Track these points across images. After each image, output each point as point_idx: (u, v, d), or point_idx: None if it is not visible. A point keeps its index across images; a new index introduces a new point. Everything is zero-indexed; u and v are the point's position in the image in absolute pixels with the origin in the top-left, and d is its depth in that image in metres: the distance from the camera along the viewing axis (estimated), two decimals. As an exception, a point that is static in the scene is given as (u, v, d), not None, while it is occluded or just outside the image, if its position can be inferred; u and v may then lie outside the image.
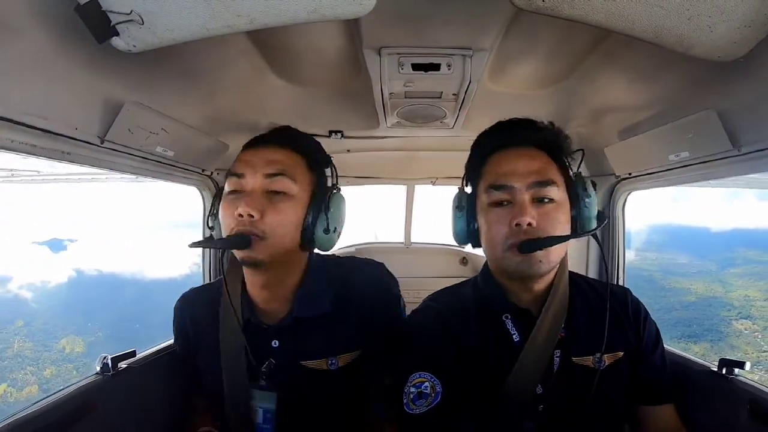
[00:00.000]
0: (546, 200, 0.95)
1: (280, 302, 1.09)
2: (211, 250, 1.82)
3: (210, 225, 1.08)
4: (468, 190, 1.10)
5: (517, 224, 0.93)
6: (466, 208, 1.06)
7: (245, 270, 1.08)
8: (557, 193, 0.97)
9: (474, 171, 1.07)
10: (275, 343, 1.08)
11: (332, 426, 1.11)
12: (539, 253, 0.92)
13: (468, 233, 1.06)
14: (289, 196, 0.99)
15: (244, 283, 1.11)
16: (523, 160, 0.98)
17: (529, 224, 0.92)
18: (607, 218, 1.07)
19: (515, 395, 0.98)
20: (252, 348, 1.07)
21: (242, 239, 0.95)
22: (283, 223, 0.98)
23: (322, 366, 1.07)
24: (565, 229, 0.97)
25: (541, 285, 1.02)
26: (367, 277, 1.19)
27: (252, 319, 1.09)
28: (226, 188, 1.02)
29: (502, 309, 1.05)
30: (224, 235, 0.99)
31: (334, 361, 1.08)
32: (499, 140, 1.04)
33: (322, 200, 1.04)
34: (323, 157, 1.11)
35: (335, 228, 1.04)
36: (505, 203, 0.97)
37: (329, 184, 1.11)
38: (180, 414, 1.22)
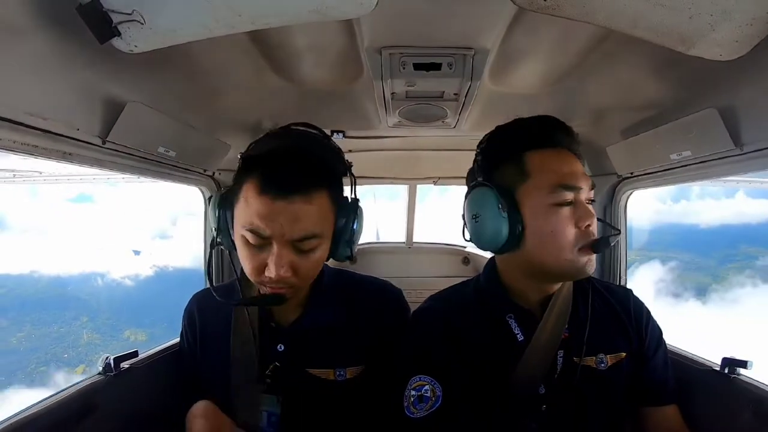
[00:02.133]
0: (590, 202, 0.99)
1: (291, 307, 1.09)
2: (215, 253, 1.81)
3: (218, 242, 1.01)
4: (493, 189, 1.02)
5: (587, 225, 0.95)
6: (507, 207, 0.97)
7: None
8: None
9: (508, 165, 1.01)
10: (280, 347, 1.08)
11: None
12: (593, 254, 0.96)
13: (512, 235, 0.97)
14: (318, 248, 0.94)
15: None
16: (576, 163, 1.00)
17: (588, 225, 0.95)
18: (619, 231, 1.16)
19: (518, 395, 0.98)
20: (258, 349, 1.07)
21: (279, 299, 0.95)
22: (312, 270, 0.97)
23: (330, 376, 1.07)
24: None
25: (554, 287, 1.03)
26: (380, 293, 1.19)
27: (263, 315, 1.09)
28: (242, 236, 0.92)
29: (506, 309, 1.04)
30: (247, 274, 0.95)
31: (341, 372, 1.07)
32: (542, 138, 1.01)
33: (347, 231, 0.98)
34: (343, 170, 1.03)
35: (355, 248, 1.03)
36: (570, 203, 0.97)
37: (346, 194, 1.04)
38: (183, 414, 1.22)
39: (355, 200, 1.02)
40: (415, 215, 3.09)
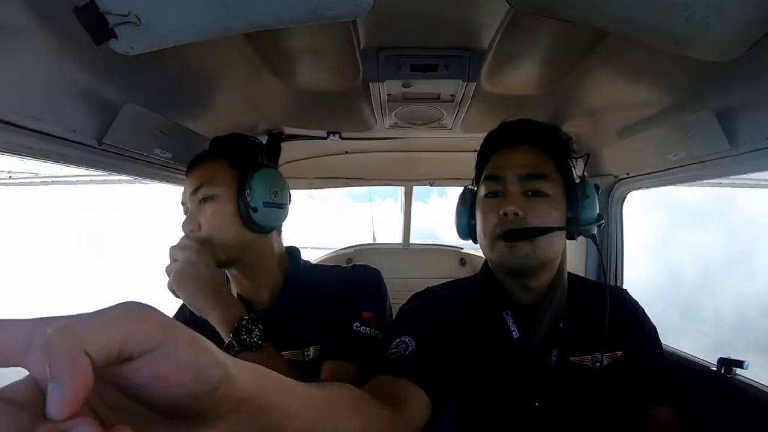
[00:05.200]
0: (539, 194, 0.96)
1: (265, 294, 1.15)
2: None
3: None
4: (474, 189, 1.13)
5: (504, 213, 0.93)
6: (468, 203, 1.11)
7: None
8: (551, 188, 0.97)
9: (478, 170, 1.10)
10: None
11: None
12: (526, 246, 0.93)
13: (468, 227, 1.10)
14: (211, 198, 1.09)
15: None
16: (518, 155, 1.01)
17: (516, 214, 0.92)
18: (604, 220, 1.07)
19: (511, 391, 0.98)
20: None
21: None
22: (212, 222, 1.08)
23: (298, 357, 1.10)
24: (558, 225, 0.97)
25: (536, 283, 1.02)
26: (351, 271, 1.22)
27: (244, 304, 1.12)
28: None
29: (503, 306, 1.05)
30: None
31: (307, 352, 1.10)
32: (501, 140, 1.07)
33: (244, 186, 1.09)
34: (248, 148, 1.20)
35: (264, 203, 1.09)
36: (499, 194, 0.98)
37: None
38: None
39: (256, 164, 1.14)
40: (411, 216, 3.09)
